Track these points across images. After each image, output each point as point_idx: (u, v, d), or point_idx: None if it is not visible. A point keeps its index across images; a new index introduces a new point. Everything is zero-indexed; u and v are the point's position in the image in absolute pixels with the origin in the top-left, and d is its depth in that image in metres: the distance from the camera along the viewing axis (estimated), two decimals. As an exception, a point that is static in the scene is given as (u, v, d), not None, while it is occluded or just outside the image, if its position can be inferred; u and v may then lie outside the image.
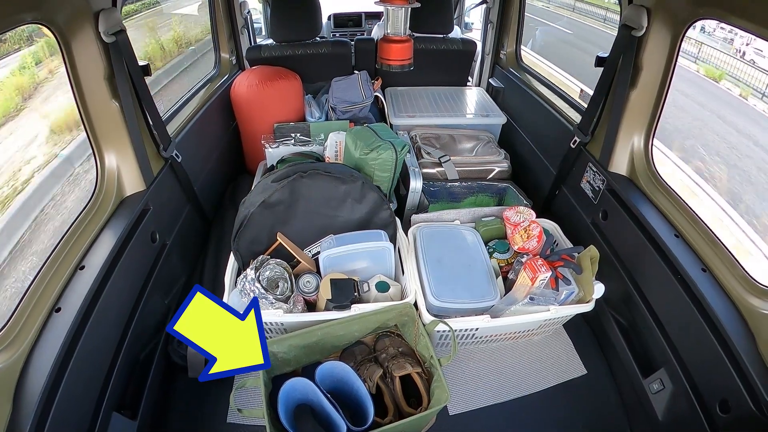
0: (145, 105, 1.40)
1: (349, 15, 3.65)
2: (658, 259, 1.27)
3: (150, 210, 1.42)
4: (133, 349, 1.29)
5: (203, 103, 1.96)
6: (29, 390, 0.91)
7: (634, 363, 1.37)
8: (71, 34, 1.16)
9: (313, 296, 1.35)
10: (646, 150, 1.45)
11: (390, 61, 1.79)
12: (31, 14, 1.02)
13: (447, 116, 2.22)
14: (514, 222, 1.56)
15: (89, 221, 1.25)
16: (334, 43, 2.35)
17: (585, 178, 1.64)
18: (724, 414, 1.06)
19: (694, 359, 1.17)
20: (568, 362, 1.54)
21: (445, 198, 1.94)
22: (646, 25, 1.30)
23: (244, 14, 2.42)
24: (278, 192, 1.38)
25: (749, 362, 1.00)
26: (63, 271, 1.11)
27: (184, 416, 1.37)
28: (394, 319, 1.36)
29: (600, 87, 1.50)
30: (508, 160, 2.00)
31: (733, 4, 1.05)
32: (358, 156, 1.66)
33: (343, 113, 2.20)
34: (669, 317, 1.26)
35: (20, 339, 0.95)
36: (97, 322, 1.10)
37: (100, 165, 1.34)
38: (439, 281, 1.42)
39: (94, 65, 1.23)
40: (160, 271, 1.45)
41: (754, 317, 1.06)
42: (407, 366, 1.25)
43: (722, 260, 1.16)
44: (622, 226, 1.43)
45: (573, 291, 1.39)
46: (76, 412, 1.03)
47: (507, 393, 1.45)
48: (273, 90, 2.08)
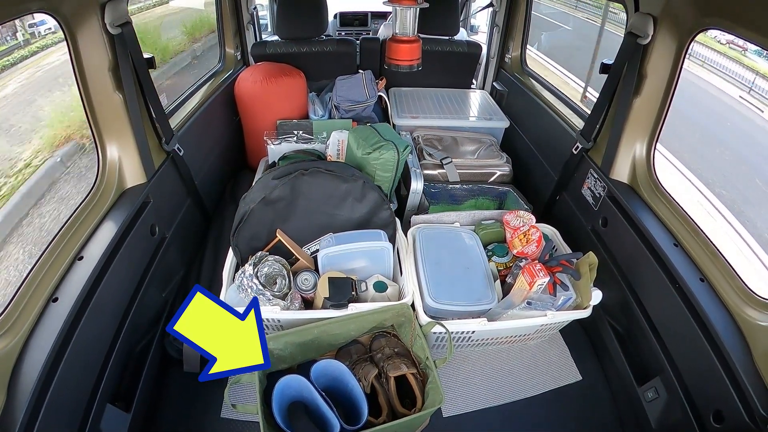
0: (149, 97, 1.40)
1: (355, 14, 3.66)
2: (656, 268, 1.27)
3: (150, 203, 1.42)
4: (129, 342, 1.29)
5: (207, 98, 1.96)
6: (24, 379, 0.91)
7: (629, 370, 1.37)
8: (77, 24, 1.16)
9: (310, 294, 1.35)
10: (648, 158, 1.45)
11: (398, 61, 1.79)
12: (38, 3, 1.02)
13: (450, 118, 2.21)
14: (513, 226, 1.57)
15: (89, 212, 1.25)
16: (340, 42, 2.35)
17: (586, 184, 1.64)
18: (717, 424, 1.06)
19: (690, 369, 1.17)
20: (564, 368, 1.54)
21: (445, 200, 1.94)
22: (652, 33, 1.30)
23: (250, 10, 2.42)
24: (279, 189, 1.38)
25: (744, 373, 1.00)
26: (61, 261, 1.11)
27: (177, 410, 1.37)
28: (391, 320, 1.36)
29: (604, 94, 1.50)
30: (510, 164, 2.00)
31: (740, 15, 1.05)
32: (360, 155, 1.66)
33: (347, 112, 2.20)
34: (665, 326, 1.26)
35: (16, 328, 0.95)
36: (93, 313, 1.10)
37: (101, 156, 1.34)
38: (437, 283, 1.42)
39: (98, 56, 1.23)
40: (158, 265, 1.45)
41: (751, 328, 1.06)
42: (402, 366, 1.25)
43: (721, 271, 1.16)
44: (622, 233, 1.43)
45: (570, 297, 1.39)
46: (70, 402, 1.03)
47: (501, 396, 1.45)
48: (277, 87, 2.08)
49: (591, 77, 4.26)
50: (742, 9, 1.04)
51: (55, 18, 1.10)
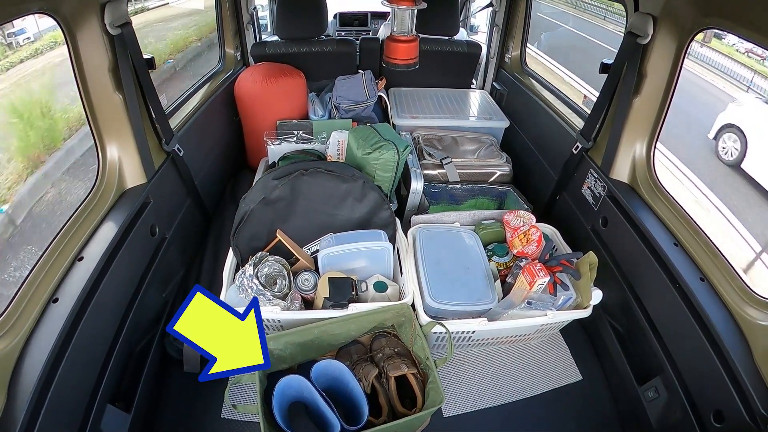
0: (149, 98, 1.40)
1: (355, 14, 3.66)
2: (656, 267, 1.27)
3: (150, 203, 1.42)
4: (129, 342, 1.29)
5: (206, 98, 1.96)
6: (24, 380, 0.91)
7: (629, 370, 1.38)
8: (77, 24, 1.16)
9: (310, 294, 1.35)
10: (647, 158, 1.45)
11: (396, 60, 1.79)
12: (37, 3, 1.02)
13: (450, 118, 2.21)
14: (513, 226, 1.57)
15: (89, 213, 1.25)
16: (340, 42, 2.35)
17: (586, 184, 1.64)
18: (718, 424, 1.06)
19: (690, 368, 1.17)
20: (564, 367, 1.54)
21: (445, 200, 1.94)
22: (651, 33, 1.30)
23: (250, 10, 2.42)
24: (279, 189, 1.38)
25: (745, 373, 1.00)
26: (61, 262, 1.11)
27: (178, 410, 1.37)
28: (391, 320, 1.36)
29: (603, 93, 1.50)
30: (510, 164, 2.00)
31: (740, 15, 1.05)
32: (360, 155, 1.66)
33: (347, 112, 2.19)
34: (666, 325, 1.26)
35: (17, 328, 0.95)
36: (94, 313, 1.10)
37: (101, 157, 1.34)
38: (437, 283, 1.41)
39: (98, 57, 1.23)
40: (158, 265, 1.45)
41: (751, 328, 1.06)
42: (403, 366, 1.25)
43: (721, 270, 1.16)
44: (622, 233, 1.43)
45: (571, 296, 1.39)
46: (71, 403, 1.03)
47: (502, 396, 1.45)
48: (277, 87, 2.08)
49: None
50: (742, 9, 1.04)
51: (55, 18, 1.10)
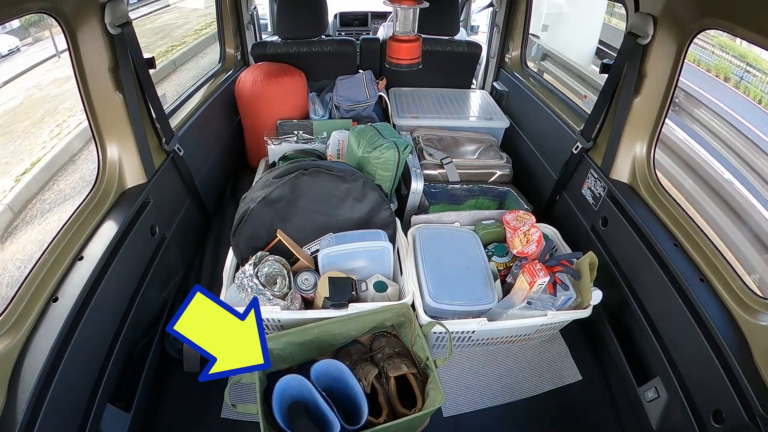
0: (149, 97, 1.40)
1: (355, 14, 3.66)
2: (656, 268, 1.27)
3: (150, 203, 1.42)
4: (129, 342, 1.29)
5: (207, 98, 1.96)
6: (24, 379, 0.91)
7: (629, 370, 1.37)
8: (77, 24, 1.16)
9: (310, 294, 1.35)
10: (648, 158, 1.45)
11: (399, 60, 1.79)
12: (38, 3, 1.02)
13: (450, 118, 2.21)
14: (513, 226, 1.57)
15: (89, 212, 1.25)
16: (340, 42, 2.35)
17: (586, 184, 1.64)
18: (717, 425, 1.06)
19: (690, 369, 1.17)
20: (564, 367, 1.54)
21: (445, 200, 1.94)
22: (652, 33, 1.31)
23: (251, 10, 2.42)
24: (279, 188, 1.38)
25: (744, 373, 1.00)
26: (62, 261, 1.11)
27: (178, 410, 1.37)
28: (391, 320, 1.36)
29: (604, 94, 1.50)
30: (510, 164, 2.00)
31: (740, 15, 1.05)
32: (360, 154, 1.66)
33: (347, 112, 2.20)
34: (665, 326, 1.26)
35: (17, 327, 0.95)
36: (94, 313, 1.10)
37: (101, 156, 1.35)
38: (437, 283, 1.42)
39: (99, 56, 1.24)
40: (158, 264, 1.46)
41: (751, 329, 1.06)
42: (403, 366, 1.25)
43: (721, 271, 1.16)
44: (622, 233, 1.43)
45: (571, 296, 1.39)
46: (71, 402, 1.03)
47: (502, 396, 1.45)
48: (277, 86, 2.08)
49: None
50: (742, 9, 1.04)
51: (56, 18, 1.10)
